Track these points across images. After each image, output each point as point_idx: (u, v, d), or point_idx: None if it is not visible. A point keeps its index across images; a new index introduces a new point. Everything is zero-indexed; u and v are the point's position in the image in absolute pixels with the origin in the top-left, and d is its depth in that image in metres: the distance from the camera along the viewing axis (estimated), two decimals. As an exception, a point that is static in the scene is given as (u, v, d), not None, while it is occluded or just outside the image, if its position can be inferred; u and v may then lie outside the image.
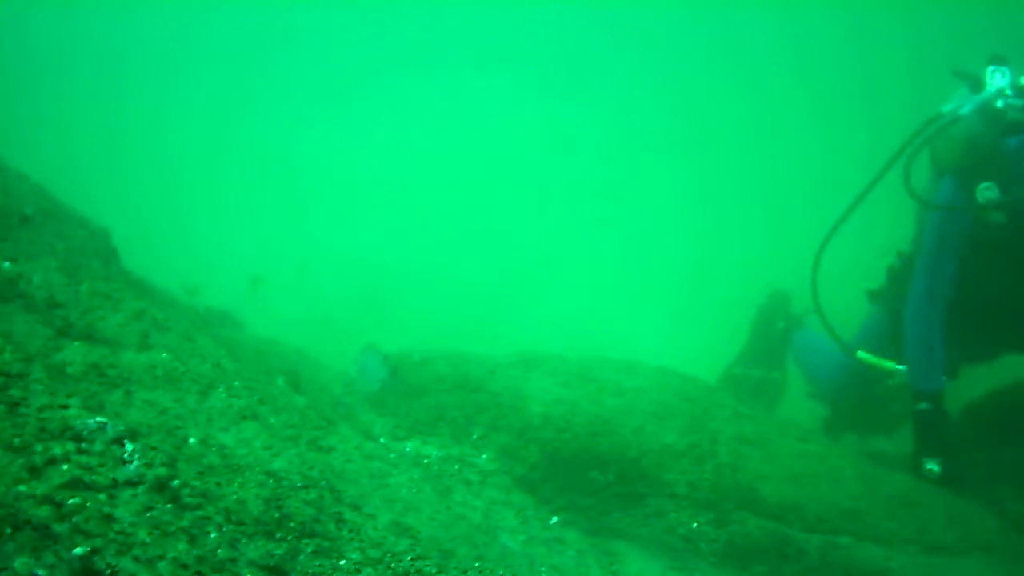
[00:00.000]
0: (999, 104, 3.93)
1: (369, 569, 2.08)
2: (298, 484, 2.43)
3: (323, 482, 2.55)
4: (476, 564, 2.46)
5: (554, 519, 3.46)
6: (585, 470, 3.48)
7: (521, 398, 3.68)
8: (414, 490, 3.20)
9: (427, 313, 9.68)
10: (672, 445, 3.48)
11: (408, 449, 3.73)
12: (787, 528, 3.34)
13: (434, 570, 2.22)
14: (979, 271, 4.21)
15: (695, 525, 3.34)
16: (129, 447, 2.01)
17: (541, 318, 9.66)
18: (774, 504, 3.37)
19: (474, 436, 3.69)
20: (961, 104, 4.10)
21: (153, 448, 2.06)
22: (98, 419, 2.06)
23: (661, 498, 3.40)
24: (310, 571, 1.93)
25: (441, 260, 12.14)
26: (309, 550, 2.03)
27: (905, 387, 4.37)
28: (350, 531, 2.25)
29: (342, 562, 2.05)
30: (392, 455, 3.50)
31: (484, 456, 3.63)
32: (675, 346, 8.02)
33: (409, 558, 2.22)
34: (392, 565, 2.15)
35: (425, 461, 3.59)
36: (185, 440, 2.30)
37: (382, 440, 3.80)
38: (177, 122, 18.99)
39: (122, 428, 2.07)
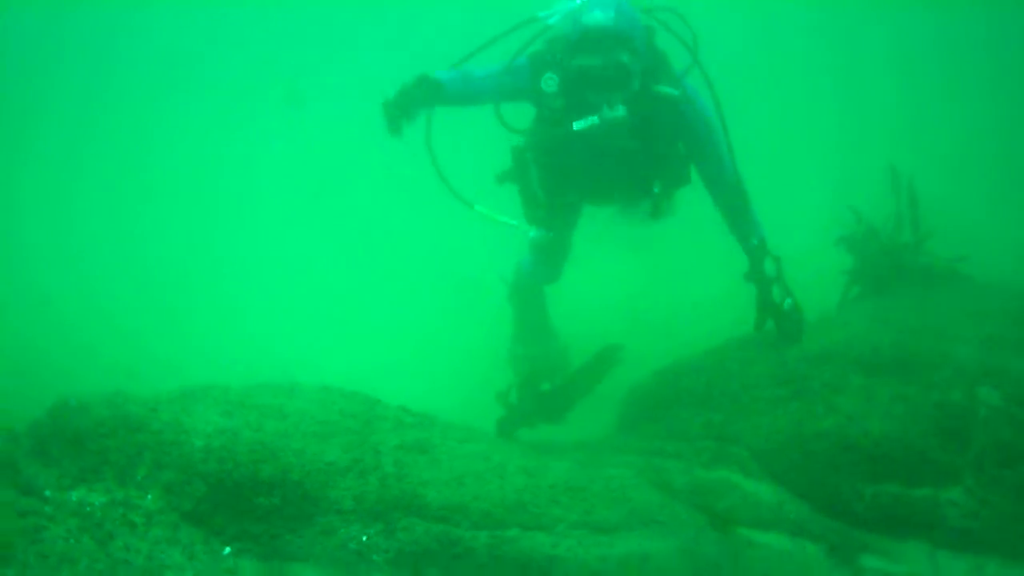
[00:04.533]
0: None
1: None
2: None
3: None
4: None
5: (227, 550, 3.53)
6: (252, 497, 3.56)
7: (183, 432, 3.73)
8: (72, 541, 3.22)
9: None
10: (335, 462, 3.62)
11: (74, 498, 3.71)
12: (454, 528, 3.53)
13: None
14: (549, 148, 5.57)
15: (365, 538, 3.49)
16: None
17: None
18: (440, 507, 3.56)
19: (138, 477, 3.71)
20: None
21: None
22: None
23: (329, 515, 3.54)
24: None
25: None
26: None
27: None
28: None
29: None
30: (48, 508, 3.49)
31: (150, 496, 3.65)
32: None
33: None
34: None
35: (87, 509, 3.58)
36: None
37: (47, 492, 3.76)
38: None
39: None
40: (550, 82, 5.17)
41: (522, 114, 5.75)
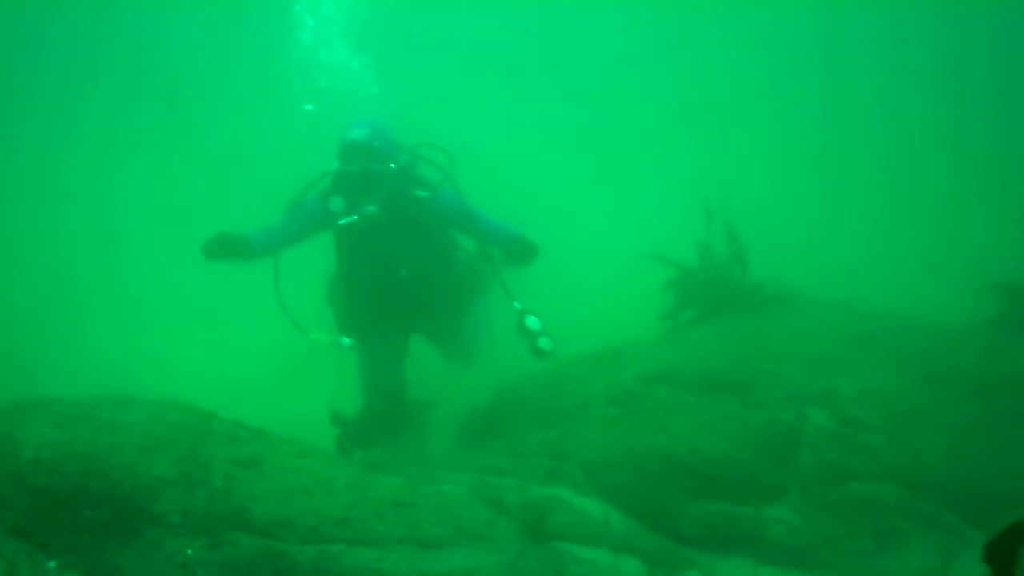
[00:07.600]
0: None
1: None
2: None
3: None
4: None
5: (52, 564, 3.61)
6: (80, 510, 3.65)
7: (13, 444, 3.80)
8: None
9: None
10: (163, 476, 3.72)
11: (-101, 508, 3.75)
12: (279, 543, 3.66)
13: None
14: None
15: (190, 552, 3.60)
16: None
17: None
18: (266, 521, 3.69)
19: (-36, 489, 3.77)
20: None
21: None
22: None
23: (157, 529, 3.64)
24: None
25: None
26: None
27: None
28: None
29: None
30: None
31: (-26, 508, 3.72)
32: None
33: None
34: None
35: (-91, 521, 3.63)
36: None
37: None
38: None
39: None
40: (337, 203, 6.36)
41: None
